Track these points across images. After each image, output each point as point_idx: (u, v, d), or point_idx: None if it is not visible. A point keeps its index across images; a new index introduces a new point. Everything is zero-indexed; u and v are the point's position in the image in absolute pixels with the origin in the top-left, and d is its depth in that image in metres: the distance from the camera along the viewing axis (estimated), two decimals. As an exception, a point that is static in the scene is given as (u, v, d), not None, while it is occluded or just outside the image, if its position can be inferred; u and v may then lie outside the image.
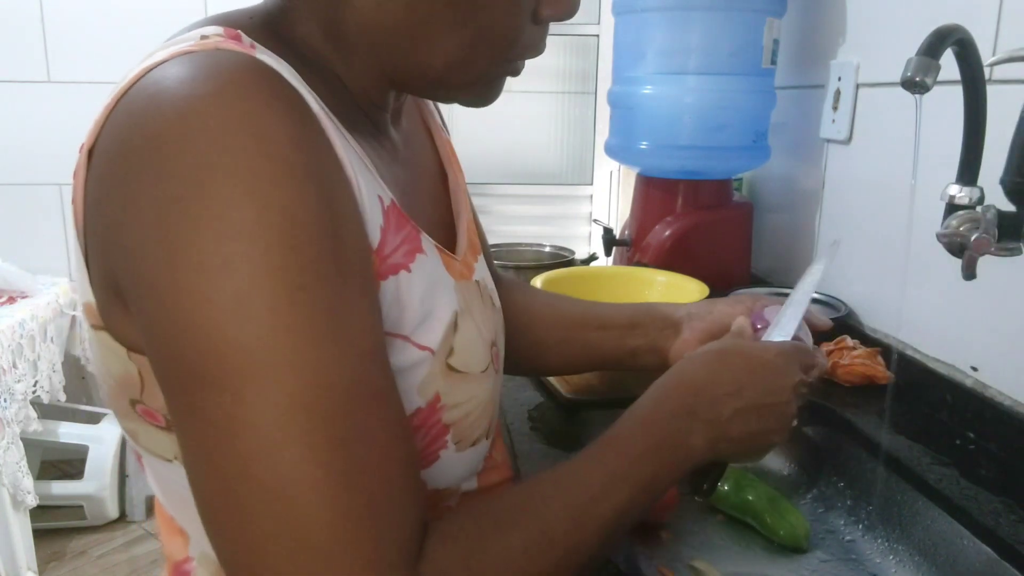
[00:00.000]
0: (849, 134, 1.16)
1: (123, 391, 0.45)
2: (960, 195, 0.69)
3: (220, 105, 0.37)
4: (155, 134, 0.37)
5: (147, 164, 0.37)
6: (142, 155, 0.37)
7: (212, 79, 0.38)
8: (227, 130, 0.36)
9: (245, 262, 0.35)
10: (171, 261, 0.36)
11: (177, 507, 0.49)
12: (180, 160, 0.36)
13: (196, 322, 0.35)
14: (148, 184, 0.36)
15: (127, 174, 0.37)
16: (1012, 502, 0.73)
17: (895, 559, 0.81)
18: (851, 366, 0.99)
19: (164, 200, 0.36)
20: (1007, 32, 0.84)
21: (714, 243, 1.30)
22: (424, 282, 0.47)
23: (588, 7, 2.56)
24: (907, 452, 0.83)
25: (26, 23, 2.32)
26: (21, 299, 2.13)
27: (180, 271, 0.36)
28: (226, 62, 0.39)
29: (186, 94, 0.37)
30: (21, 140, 2.39)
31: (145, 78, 0.39)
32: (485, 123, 2.67)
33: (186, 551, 0.51)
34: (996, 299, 0.86)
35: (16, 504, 1.85)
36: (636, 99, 1.26)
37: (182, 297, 0.36)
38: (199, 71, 0.38)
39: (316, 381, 0.36)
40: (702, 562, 0.79)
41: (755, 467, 0.99)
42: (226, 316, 0.35)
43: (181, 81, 0.38)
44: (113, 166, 0.39)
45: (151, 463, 0.48)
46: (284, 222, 0.36)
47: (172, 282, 0.36)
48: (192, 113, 0.36)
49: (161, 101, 0.37)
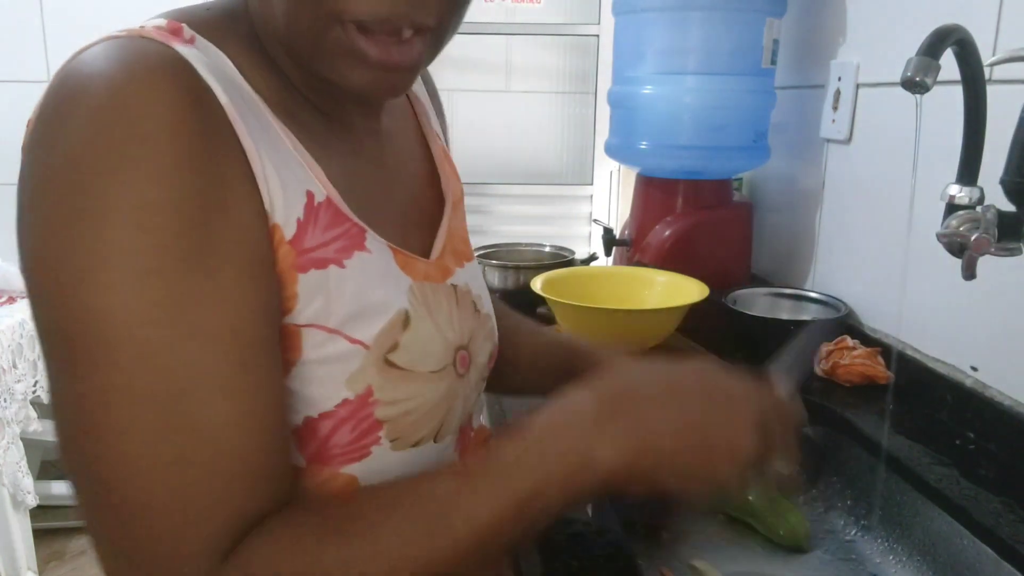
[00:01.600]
0: (849, 134, 1.16)
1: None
2: (960, 195, 0.69)
3: (108, 89, 0.38)
4: (50, 109, 0.39)
5: (37, 136, 0.39)
6: (39, 128, 0.40)
7: (111, 64, 0.39)
8: (107, 112, 0.37)
9: (97, 240, 0.36)
10: (32, 232, 0.38)
11: None
12: (60, 136, 0.38)
13: (47, 292, 0.37)
14: (33, 156, 0.39)
15: (28, 144, 0.40)
16: (1012, 502, 0.73)
17: (895, 559, 0.81)
18: (851, 366, 0.99)
19: (40, 172, 0.38)
20: (1007, 32, 0.84)
21: (714, 243, 1.30)
22: (361, 278, 0.47)
23: (588, 7, 2.56)
24: (907, 452, 0.83)
25: (26, 23, 2.32)
26: (21, 299, 2.13)
27: (37, 242, 0.38)
28: (132, 50, 0.41)
29: (83, 75, 0.39)
30: (21, 140, 2.39)
31: (71, 59, 0.42)
32: (485, 123, 2.67)
33: None
34: (996, 299, 0.86)
35: (16, 504, 1.85)
36: (636, 99, 1.26)
37: (37, 270, 0.38)
38: (103, 56, 0.40)
39: (153, 365, 0.37)
40: (702, 562, 0.79)
41: (755, 467, 0.99)
42: (74, 291, 0.36)
43: (84, 63, 0.40)
44: (27, 135, 0.41)
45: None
46: (142, 205, 0.37)
47: (31, 255, 0.38)
48: (81, 93, 0.38)
49: (64, 79, 0.40)
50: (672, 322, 1.06)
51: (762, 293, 1.24)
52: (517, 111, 2.68)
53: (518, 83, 2.66)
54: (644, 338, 1.07)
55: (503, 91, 2.66)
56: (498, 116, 2.68)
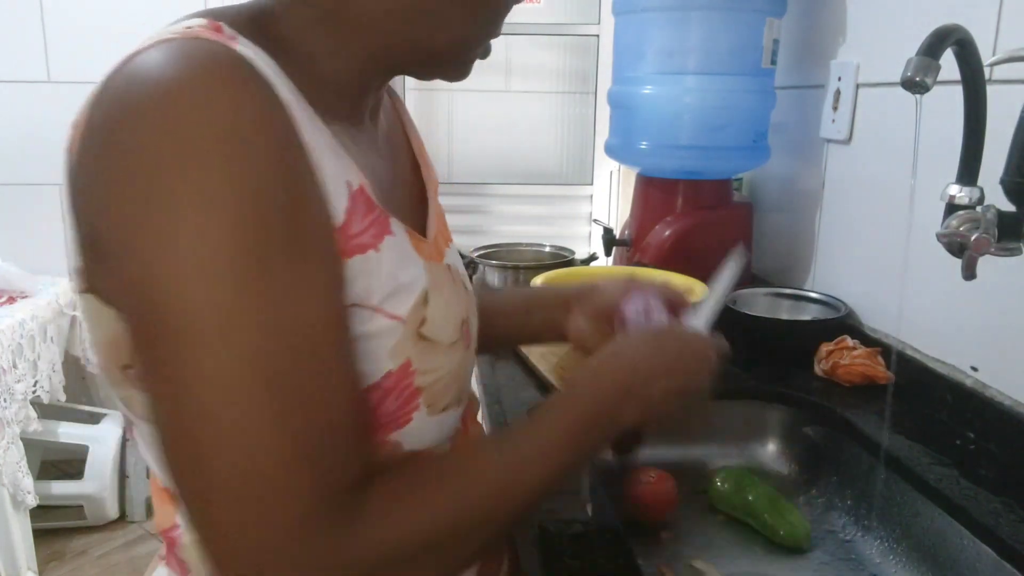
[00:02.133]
0: (849, 134, 1.16)
1: (114, 356, 0.47)
2: (960, 195, 0.69)
3: (190, 87, 0.40)
4: (130, 111, 0.40)
5: (121, 137, 0.40)
6: (117, 129, 0.40)
7: (184, 63, 0.41)
8: (196, 109, 0.39)
9: (207, 231, 0.39)
10: (140, 226, 0.39)
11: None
12: (151, 135, 0.39)
13: (163, 282, 0.39)
14: (121, 155, 0.40)
15: (103, 145, 0.41)
16: (1012, 502, 0.73)
17: (895, 559, 0.81)
18: (851, 366, 0.99)
19: (136, 170, 0.39)
20: (1007, 32, 0.84)
21: (714, 243, 1.30)
22: (393, 260, 0.51)
23: (588, 7, 2.56)
24: (907, 452, 0.83)
25: (26, 23, 2.32)
26: (21, 299, 2.13)
27: (148, 236, 0.39)
28: (199, 49, 0.42)
29: (159, 76, 0.40)
30: (21, 140, 2.39)
31: (127, 63, 0.42)
32: (485, 123, 2.67)
33: (174, 518, 0.54)
34: (996, 299, 0.86)
35: (16, 504, 1.85)
36: (636, 99, 1.26)
37: (150, 260, 0.39)
38: (173, 56, 0.41)
39: (266, 343, 0.40)
40: (702, 562, 0.79)
41: (755, 467, 0.99)
42: (189, 278, 0.39)
43: (156, 64, 0.41)
44: (92, 139, 0.42)
45: (143, 430, 0.51)
46: (245, 196, 0.39)
47: (141, 247, 0.39)
48: (164, 93, 0.40)
49: (137, 82, 0.41)
50: (672, 322, 1.06)
51: (762, 293, 1.24)
52: (517, 111, 2.68)
53: (518, 83, 2.66)
54: (644, 338, 1.07)
55: (503, 91, 2.66)
56: (498, 116, 2.68)
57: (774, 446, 1.01)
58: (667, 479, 0.85)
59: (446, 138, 2.66)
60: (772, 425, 1.00)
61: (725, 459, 1.00)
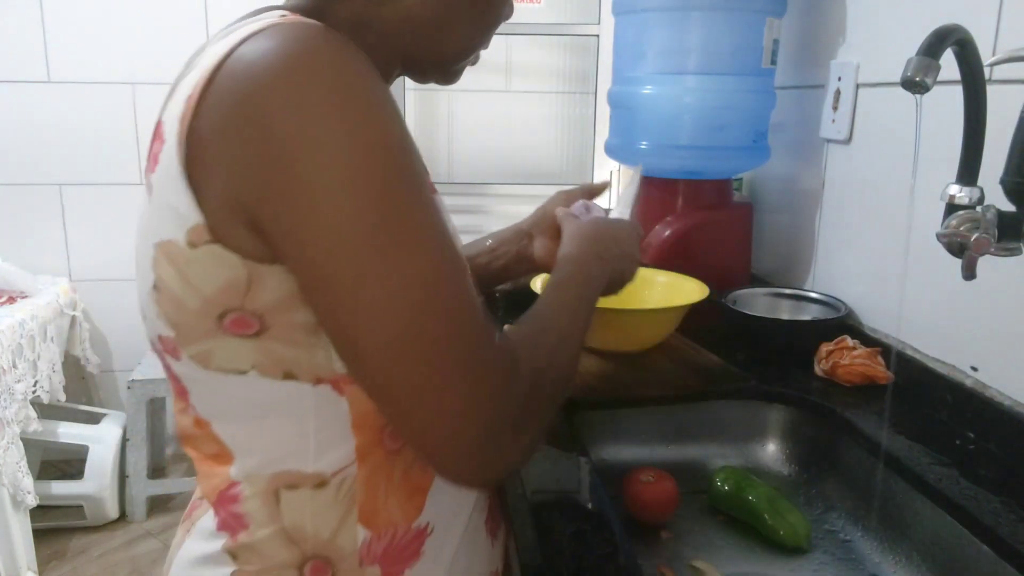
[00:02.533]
0: (849, 134, 1.16)
1: (215, 305, 0.51)
2: (960, 195, 0.69)
3: (319, 52, 0.47)
4: (278, 73, 0.46)
5: (270, 105, 0.46)
6: (268, 92, 0.46)
7: (310, 38, 0.48)
8: (334, 73, 0.47)
9: (375, 170, 0.47)
10: (323, 166, 0.46)
11: (237, 423, 0.57)
12: (301, 98, 0.46)
13: (363, 212, 0.47)
14: (279, 120, 0.46)
15: (259, 111, 0.46)
16: (1012, 502, 0.73)
17: (895, 559, 0.81)
18: (851, 366, 0.99)
19: (313, 120, 0.46)
20: (1007, 32, 0.84)
21: (714, 243, 1.30)
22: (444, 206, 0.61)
23: (588, 7, 2.56)
24: (907, 452, 0.83)
25: (26, 23, 2.32)
26: (21, 299, 2.13)
27: (335, 179, 0.46)
28: (312, 28, 0.49)
29: (290, 49, 0.47)
30: (21, 140, 2.39)
31: (237, 51, 0.48)
32: (485, 123, 2.67)
33: (230, 477, 0.58)
34: (996, 299, 0.86)
35: (16, 504, 1.85)
36: (636, 99, 1.26)
37: (342, 198, 0.46)
38: (295, 34, 0.48)
39: (444, 241, 0.50)
40: (702, 562, 0.79)
41: (755, 467, 0.99)
42: (401, 236, 0.48)
43: (284, 40, 0.47)
44: (231, 114, 0.47)
45: (214, 386, 0.55)
46: (391, 133, 0.48)
47: (324, 184, 0.46)
48: (302, 62, 0.46)
49: (270, 57, 0.47)
50: (672, 322, 1.06)
51: (762, 293, 1.24)
52: (517, 111, 2.68)
53: (518, 83, 2.66)
54: (644, 338, 1.07)
55: (503, 91, 2.66)
56: (498, 116, 2.68)
57: (774, 446, 1.01)
58: (667, 479, 0.85)
59: (446, 138, 2.66)
60: (772, 425, 1.00)
61: (725, 459, 1.00)
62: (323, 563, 0.57)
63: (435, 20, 0.58)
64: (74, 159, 2.42)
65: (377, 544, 0.58)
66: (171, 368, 0.57)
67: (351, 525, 0.57)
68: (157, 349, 0.58)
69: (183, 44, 2.40)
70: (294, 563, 0.57)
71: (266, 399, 0.54)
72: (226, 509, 0.58)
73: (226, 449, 0.58)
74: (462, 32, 0.61)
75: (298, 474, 0.56)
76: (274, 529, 0.56)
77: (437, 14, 0.58)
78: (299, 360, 0.53)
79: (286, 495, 0.56)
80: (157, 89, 2.43)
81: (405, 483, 0.59)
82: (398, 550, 0.59)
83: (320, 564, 0.57)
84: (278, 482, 0.56)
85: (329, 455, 0.56)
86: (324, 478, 0.56)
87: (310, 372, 0.54)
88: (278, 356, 0.53)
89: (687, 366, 1.04)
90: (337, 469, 0.56)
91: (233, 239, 0.50)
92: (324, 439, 0.56)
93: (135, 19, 2.36)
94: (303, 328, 0.52)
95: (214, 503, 0.59)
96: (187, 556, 0.60)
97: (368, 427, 0.57)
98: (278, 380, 0.53)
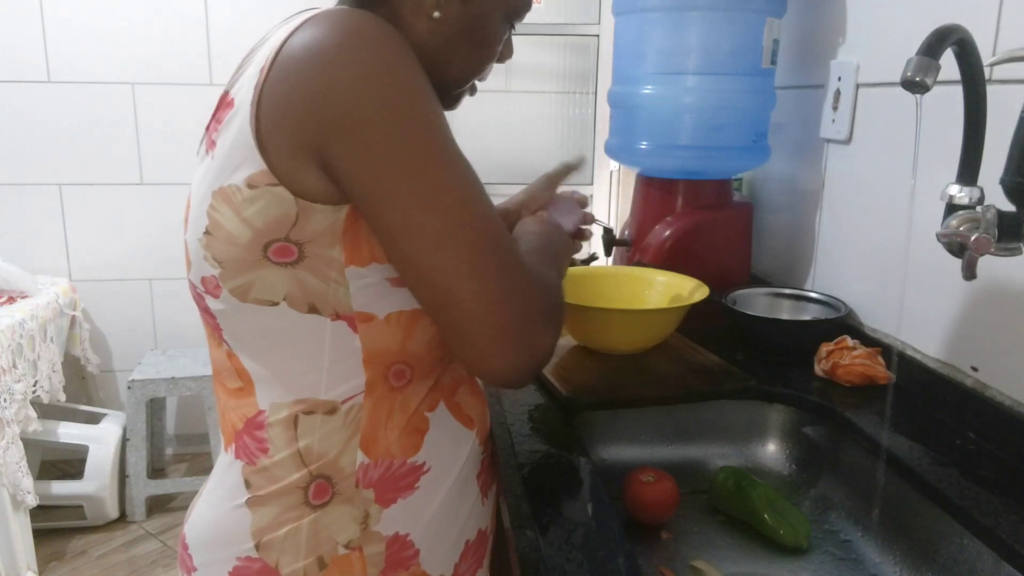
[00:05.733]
0: (849, 134, 1.16)
1: (264, 236, 0.60)
2: (960, 195, 0.69)
3: (374, 28, 0.58)
4: (338, 45, 0.57)
5: (338, 62, 0.56)
6: (328, 58, 0.56)
7: (358, 17, 0.58)
8: (386, 40, 0.58)
9: (417, 112, 0.58)
10: (388, 113, 0.57)
11: (262, 354, 0.65)
12: (354, 59, 0.56)
13: (412, 142, 0.58)
14: (348, 75, 0.56)
15: (322, 74, 0.56)
16: (1012, 502, 0.73)
17: (895, 559, 0.81)
18: (851, 366, 0.99)
19: (369, 77, 0.56)
20: (1007, 32, 0.84)
21: (714, 243, 1.30)
22: None
23: (588, 7, 2.56)
24: (907, 452, 0.83)
25: (26, 23, 2.32)
26: (21, 299, 2.13)
27: (397, 120, 0.57)
28: (360, 12, 0.59)
29: (344, 24, 0.57)
30: (21, 140, 2.39)
31: (299, 29, 0.58)
32: (485, 123, 2.67)
33: (257, 405, 0.66)
34: (996, 299, 0.86)
35: (16, 504, 1.85)
36: (636, 99, 1.26)
37: (394, 132, 0.57)
38: (348, 13, 0.59)
39: (471, 173, 0.61)
40: (702, 562, 0.79)
41: (755, 467, 0.99)
42: (439, 156, 0.58)
43: (338, 18, 0.58)
44: (302, 74, 0.57)
45: (247, 319, 0.64)
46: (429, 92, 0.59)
47: (391, 124, 0.57)
48: (358, 29, 0.57)
49: (327, 30, 0.57)
50: (672, 322, 1.06)
51: (762, 293, 1.24)
52: (517, 111, 2.68)
53: (518, 83, 2.66)
54: (644, 338, 1.07)
55: (503, 91, 2.66)
56: (498, 116, 2.68)
57: (774, 446, 1.01)
58: (667, 479, 0.85)
59: (446, 138, 2.66)
60: (772, 425, 1.00)
61: (725, 459, 1.00)
62: (325, 483, 0.66)
63: (436, 51, 0.68)
64: (74, 159, 2.42)
65: (374, 470, 0.67)
66: (209, 308, 0.66)
67: (352, 449, 0.66)
68: (197, 293, 0.66)
69: (183, 44, 2.41)
70: (302, 484, 0.65)
71: (291, 330, 0.63)
72: (251, 435, 0.67)
73: (250, 381, 0.66)
74: (459, 64, 0.70)
75: (313, 401, 0.65)
76: (291, 452, 0.65)
77: (439, 47, 0.68)
78: (324, 294, 0.62)
79: (303, 420, 0.65)
80: (157, 89, 2.43)
81: (405, 421, 0.68)
82: (393, 479, 0.68)
83: (323, 484, 0.66)
84: (297, 408, 0.65)
85: (340, 386, 0.65)
86: (335, 405, 0.65)
87: (331, 307, 0.62)
88: (308, 288, 0.61)
89: (687, 366, 1.04)
90: (347, 398, 0.65)
91: (294, 181, 0.59)
92: (337, 372, 0.64)
93: (135, 19, 2.36)
94: (334, 264, 0.61)
95: (239, 431, 0.67)
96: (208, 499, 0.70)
97: (377, 364, 0.65)
98: (303, 313, 0.62)
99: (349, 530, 0.66)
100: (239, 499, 0.67)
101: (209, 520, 0.69)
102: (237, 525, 0.67)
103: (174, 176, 2.49)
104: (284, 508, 0.66)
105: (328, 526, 0.66)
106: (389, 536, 0.68)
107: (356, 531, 0.67)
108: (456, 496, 0.73)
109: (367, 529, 0.67)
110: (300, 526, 0.65)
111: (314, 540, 0.66)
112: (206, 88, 2.45)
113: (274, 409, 0.65)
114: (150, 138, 2.46)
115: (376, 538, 0.67)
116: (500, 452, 0.83)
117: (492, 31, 0.71)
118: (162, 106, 2.44)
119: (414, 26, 0.67)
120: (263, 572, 0.66)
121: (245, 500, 0.66)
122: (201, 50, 2.43)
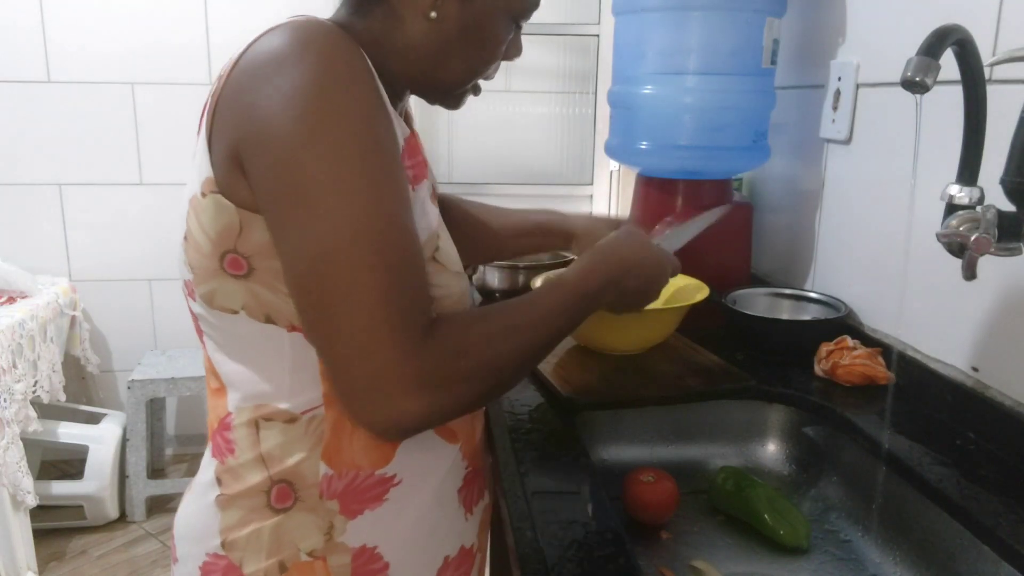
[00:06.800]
0: (849, 134, 1.16)
1: (218, 246, 0.60)
2: (960, 195, 0.69)
3: (324, 41, 0.57)
4: (280, 56, 0.56)
5: (272, 73, 0.56)
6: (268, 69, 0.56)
7: (313, 29, 0.58)
8: (332, 55, 0.57)
9: (337, 131, 0.55)
10: (296, 129, 0.55)
11: (230, 359, 0.66)
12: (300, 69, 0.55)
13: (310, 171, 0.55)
14: (275, 87, 0.55)
15: (258, 83, 0.56)
16: (1012, 502, 0.73)
17: (895, 559, 0.81)
18: (851, 366, 0.99)
19: (290, 92, 0.55)
20: (1007, 32, 0.84)
21: (714, 243, 1.29)
22: (422, 199, 0.68)
23: (588, 7, 2.56)
24: (907, 452, 0.83)
25: (26, 23, 2.32)
26: (21, 299, 2.13)
27: (301, 138, 0.55)
28: (318, 23, 0.59)
29: (298, 35, 0.57)
30: (21, 140, 2.39)
31: (256, 42, 0.58)
32: (486, 123, 2.67)
33: (227, 408, 0.67)
34: (996, 299, 0.86)
35: (16, 504, 1.85)
36: (636, 99, 1.26)
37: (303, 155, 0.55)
38: (303, 25, 0.58)
39: (377, 211, 0.56)
40: (702, 562, 0.79)
41: (755, 467, 0.99)
42: (325, 164, 0.55)
43: (293, 29, 0.57)
44: (243, 83, 0.57)
45: (215, 323, 0.64)
46: (362, 114, 0.57)
47: (293, 142, 0.55)
48: (307, 41, 0.56)
49: (282, 39, 0.57)
50: (672, 322, 1.06)
51: (762, 293, 1.24)
52: (517, 111, 2.68)
53: (518, 83, 2.66)
54: (644, 338, 1.07)
55: (503, 91, 2.66)
56: (498, 116, 2.68)
57: (774, 446, 1.01)
58: (667, 479, 0.85)
59: (446, 138, 2.66)
60: (772, 425, 1.00)
61: (725, 459, 1.00)
62: (288, 488, 0.66)
63: (434, 52, 0.67)
64: (74, 159, 2.42)
65: (338, 481, 0.66)
66: (191, 308, 0.67)
67: (315, 459, 0.65)
68: (185, 293, 0.67)
69: (183, 44, 2.41)
70: (264, 487, 0.66)
71: (252, 339, 0.63)
72: (222, 435, 0.67)
73: (222, 383, 0.67)
74: (458, 65, 0.69)
75: (273, 409, 0.65)
76: (254, 455, 0.65)
77: (436, 47, 0.67)
78: (278, 306, 0.61)
79: (264, 425, 0.65)
80: (157, 89, 2.43)
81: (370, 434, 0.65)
82: (360, 491, 0.67)
83: (285, 488, 0.66)
84: (258, 413, 0.65)
85: (300, 396, 0.64)
86: (294, 415, 0.65)
87: (286, 319, 0.62)
88: (262, 300, 0.61)
89: (687, 366, 1.04)
90: (306, 409, 0.65)
91: (231, 189, 0.59)
92: (296, 381, 0.64)
93: (135, 19, 2.36)
94: (282, 277, 0.60)
95: (214, 431, 0.68)
96: (191, 492, 0.72)
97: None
98: (261, 323, 0.62)
99: (312, 538, 0.66)
100: (211, 496, 0.68)
101: (189, 513, 0.71)
102: (209, 521, 0.68)
103: (174, 176, 2.49)
104: (248, 509, 0.66)
105: (290, 531, 0.66)
106: (355, 548, 0.67)
107: (320, 540, 0.66)
108: (432, 510, 0.72)
109: (331, 540, 0.67)
110: (263, 528, 0.66)
111: (276, 544, 0.66)
112: (206, 88, 2.44)
113: (239, 412, 0.66)
114: (150, 138, 2.46)
115: (341, 549, 0.67)
116: (500, 452, 0.83)
117: (493, 31, 0.69)
118: (162, 106, 2.44)
119: (411, 27, 0.66)
120: (228, 569, 0.67)
121: (215, 497, 0.68)
122: (201, 50, 2.43)
